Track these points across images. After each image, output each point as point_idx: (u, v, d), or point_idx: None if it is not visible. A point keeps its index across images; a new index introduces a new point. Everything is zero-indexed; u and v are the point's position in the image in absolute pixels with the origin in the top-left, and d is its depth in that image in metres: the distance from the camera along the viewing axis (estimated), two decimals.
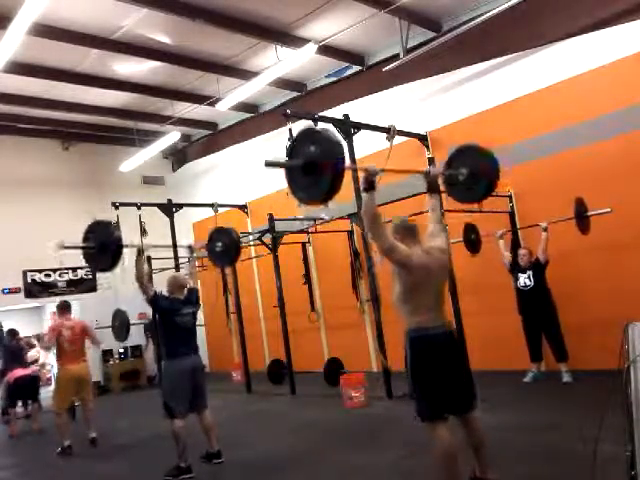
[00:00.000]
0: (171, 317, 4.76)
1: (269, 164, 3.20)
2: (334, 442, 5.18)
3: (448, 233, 6.23)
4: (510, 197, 7.31)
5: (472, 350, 5.87)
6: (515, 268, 6.71)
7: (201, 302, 5.31)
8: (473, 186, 4.23)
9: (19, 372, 7.66)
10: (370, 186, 3.08)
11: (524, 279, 6.54)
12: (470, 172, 4.19)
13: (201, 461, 4.80)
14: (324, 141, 3.21)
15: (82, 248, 5.14)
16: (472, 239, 6.99)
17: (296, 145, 3.36)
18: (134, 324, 8.01)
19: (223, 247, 6.03)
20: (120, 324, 7.92)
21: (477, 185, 4.24)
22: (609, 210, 5.99)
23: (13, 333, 8.22)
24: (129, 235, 8.88)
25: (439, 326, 3.21)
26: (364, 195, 3.12)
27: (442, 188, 4.12)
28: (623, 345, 2.60)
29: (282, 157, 3.43)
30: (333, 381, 7.47)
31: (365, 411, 6.22)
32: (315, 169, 3.16)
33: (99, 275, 11.61)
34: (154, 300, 4.82)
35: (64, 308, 6.42)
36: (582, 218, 6.22)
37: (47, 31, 7.05)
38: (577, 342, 6.38)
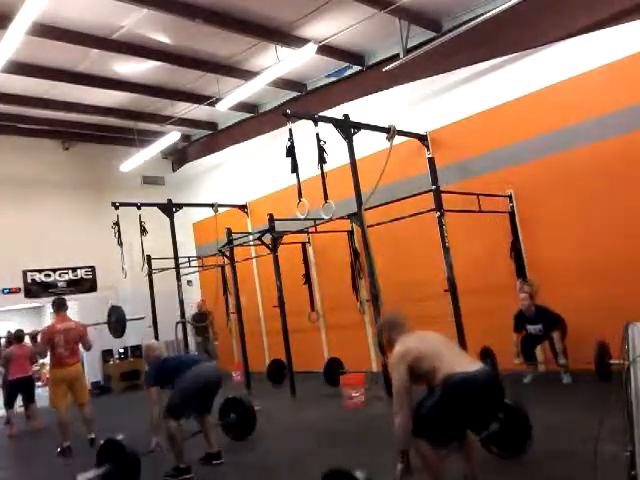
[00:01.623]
0: (177, 368, 4.69)
1: None
2: (334, 442, 5.18)
3: (447, 234, 6.26)
4: (510, 197, 7.31)
5: (472, 350, 5.88)
6: (520, 318, 6.57)
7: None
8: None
9: (17, 372, 7.68)
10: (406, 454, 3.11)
11: (535, 331, 6.47)
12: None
13: (200, 462, 4.79)
14: None
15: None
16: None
17: None
18: (131, 320, 8.02)
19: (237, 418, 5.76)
20: (116, 320, 7.96)
21: None
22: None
23: (19, 338, 8.17)
24: (129, 235, 8.95)
25: (472, 368, 3.12)
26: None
27: None
28: (623, 345, 2.60)
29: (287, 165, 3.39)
30: (333, 381, 7.48)
31: (365, 411, 6.22)
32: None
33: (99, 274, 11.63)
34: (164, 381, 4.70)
35: (60, 306, 6.32)
36: (603, 366, 5.70)
37: (47, 31, 7.05)
38: (577, 342, 6.38)
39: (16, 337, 8.13)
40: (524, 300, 6.49)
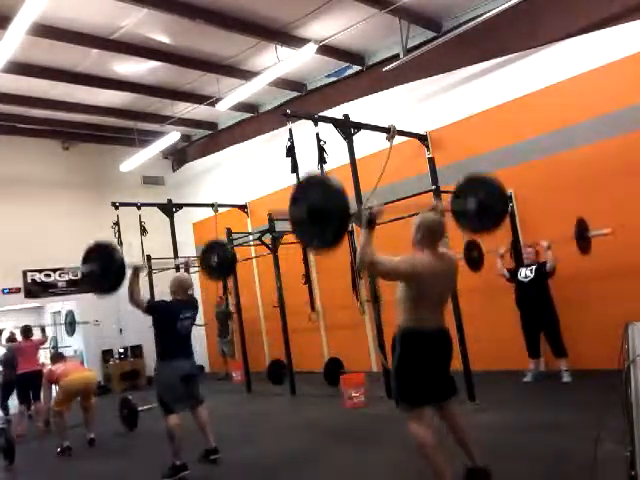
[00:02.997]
0: (170, 322, 4.77)
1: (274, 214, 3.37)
2: (334, 442, 5.18)
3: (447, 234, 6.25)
4: (510, 197, 7.30)
5: (472, 350, 5.88)
6: (518, 265, 6.78)
7: (198, 301, 5.34)
8: (483, 216, 4.19)
9: (25, 367, 7.68)
10: (369, 224, 3.07)
11: (525, 271, 6.57)
12: (478, 204, 4.14)
13: (200, 461, 4.79)
14: (325, 188, 3.25)
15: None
16: (474, 257, 6.87)
17: (299, 195, 3.44)
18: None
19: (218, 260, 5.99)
20: (103, 269, 8.04)
21: (486, 215, 4.20)
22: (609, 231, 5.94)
23: (27, 333, 8.16)
24: (129, 235, 8.94)
25: (434, 326, 3.26)
26: (362, 232, 3.11)
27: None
28: (623, 345, 2.60)
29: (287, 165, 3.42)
30: (333, 381, 7.47)
31: (365, 411, 6.22)
32: (321, 218, 3.26)
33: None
34: (150, 310, 4.85)
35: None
36: (583, 239, 6.14)
37: (47, 31, 7.05)
38: (577, 342, 6.38)
39: (24, 332, 8.14)
40: (530, 254, 6.66)
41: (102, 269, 4.94)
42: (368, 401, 6.41)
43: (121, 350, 11.57)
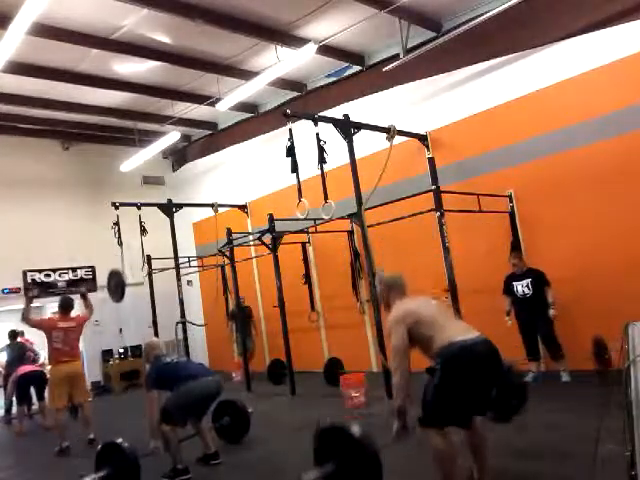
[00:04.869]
0: (172, 373, 4.67)
1: None
2: None
3: (447, 234, 6.26)
4: (510, 197, 7.31)
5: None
6: (509, 278, 6.67)
7: (198, 301, 5.32)
8: None
9: (26, 368, 7.70)
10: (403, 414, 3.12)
11: (522, 288, 6.50)
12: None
13: (198, 463, 4.78)
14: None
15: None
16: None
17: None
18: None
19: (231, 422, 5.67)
20: (115, 284, 8.03)
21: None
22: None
23: (14, 334, 8.25)
24: (129, 235, 8.94)
25: (471, 337, 3.09)
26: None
27: None
28: (623, 345, 2.60)
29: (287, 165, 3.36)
30: (333, 381, 7.47)
31: (365, 411, 6.21)
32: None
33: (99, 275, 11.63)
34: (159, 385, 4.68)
35: (65, 308, 6.34)
36: (602, 359, 5.69)
37: (47, 31, 7.05)
38: (577, 341, 6.38)
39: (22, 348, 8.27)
40: (515, 259, 6.61)
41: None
42: (368, 401, 6.41)
43: (121, 350, 11.57)
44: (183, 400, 4.53)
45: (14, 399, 7.98)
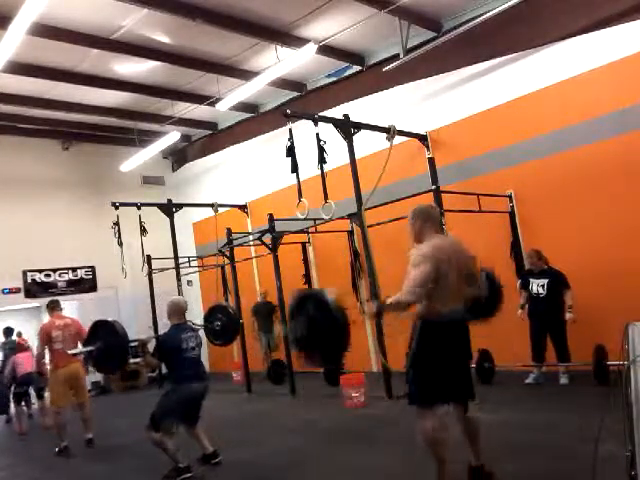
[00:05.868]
0: (177, 352, 4.63)
1: None
2: (334, 442, 5.18)
3: (447, 232, 6.26)
4: (510, 197, 7.31)
5: (473, 349, 5.87)
6: (526, 274, 6.57)
7: (198, 301, 5.32)
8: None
9: (23, 359, 7.71)
10: (379, 316, 3.21)
11: (537, 287, 6.37)
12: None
13: (198, 464, 4.78)
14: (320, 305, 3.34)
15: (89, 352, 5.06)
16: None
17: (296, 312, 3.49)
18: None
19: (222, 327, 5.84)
20: (106, 347, 8.05)
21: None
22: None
23: (9, 331, 8.27)
24: (129, 235, 8.95)
25: (454, 312, 3.17)
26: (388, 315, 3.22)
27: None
28: (623, 345, 2.60)
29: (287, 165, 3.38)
30: (333, 381, 7.47)
31: (365, 411, 6.22)
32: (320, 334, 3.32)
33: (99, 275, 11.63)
34: (160, 358, 4.74)
35: (54, 308, 6.36)
36: (601, 368, 5.72)
37: (47, 31, 7.05)
38: (576, 342, 6.38)
39: (17, 347, 8.27)
40: (530, 258, 6.49)
41: (106, 348, 4.86)
42: (368, 401, 6.41)
43: None
44: (174, 406, 4.53)
45: (11, 398, 8.00)
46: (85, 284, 11.63)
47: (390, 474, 4.14)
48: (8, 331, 9.17)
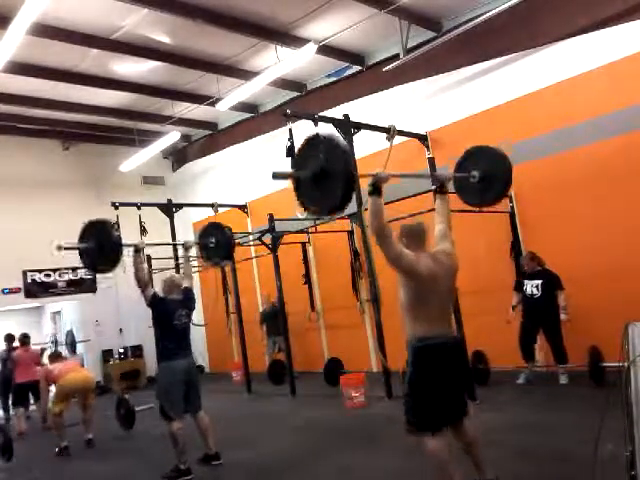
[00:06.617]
0: (168, 319, 4.76)
1: (277, 176, 3.21)
2: (334, 442, 5.18)
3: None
4: (510, 197, 7.30)
5: (472, 350, 5.88)
6: (521, 276, 6.60)
7: (198, 301, 5.32)
8: (485, 189, 4.16)
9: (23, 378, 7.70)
10: (375, 191, 3.01)
11: (531, 288, 6.38)
12: (482, 175, 4.13)
13: (199, 464, 4.78)
14: (331, 148, 3.15)
15: (80, 249, 5.14)
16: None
17: (302, 154, 3.34)
18: None
19: (216, 243, 6.03)
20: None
21: (489, 188, 4.17)
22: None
23: (11, 338, 8.23)
24: (129, 235, 8.92)
25: (443, 335, 3.13)
26: (369, 199, 3.04)
27: (452, 190, 4.00)
28: (623, 345, 2.60)
29: (287, 165, 3.42)
30: (333, 381, 7.47)
31: (365, 411, 6.22)
32: (326, 178, 3.09)
33: (99, 275, 11.62)
34: (153, 302, 4.81)
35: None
36: (597, 369, 5.71)
37: (47, 31, 7.05)
38: (576, 342, 6.38)
39: (21, 339, 8.18)
40: (525, 259, 6.53)
41: (99, 247, 5.23)
42: (368, 401, 6.41)
43: (121, 350, 11.57)
44: (167, 389, 4.65)
45: (9, 401, 8.01)
46: (85, 284, 11.63)
47: (390, 474, 4.14)
48: (9, 338, 9.05)
